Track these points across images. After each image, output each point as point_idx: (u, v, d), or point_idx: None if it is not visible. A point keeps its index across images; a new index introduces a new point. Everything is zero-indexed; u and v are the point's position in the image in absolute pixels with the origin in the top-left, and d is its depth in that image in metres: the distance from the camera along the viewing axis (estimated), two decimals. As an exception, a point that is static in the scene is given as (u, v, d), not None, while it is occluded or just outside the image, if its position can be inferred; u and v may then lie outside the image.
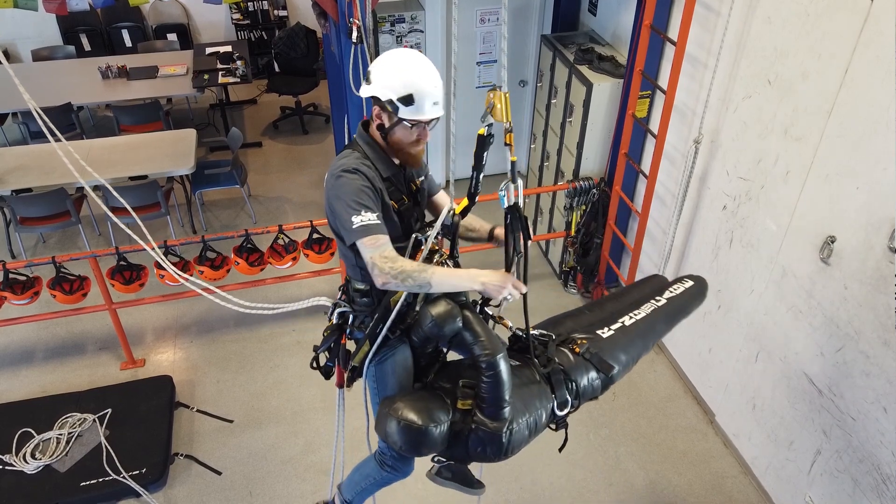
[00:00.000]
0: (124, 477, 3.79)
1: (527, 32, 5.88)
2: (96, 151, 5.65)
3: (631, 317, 2.54)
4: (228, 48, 7.11)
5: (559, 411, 2.26)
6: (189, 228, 6.10)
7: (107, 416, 4.12)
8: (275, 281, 4.87)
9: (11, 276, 4.25)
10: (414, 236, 2.25)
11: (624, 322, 2.51)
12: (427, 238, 2.21)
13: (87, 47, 7.80)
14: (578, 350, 2.35)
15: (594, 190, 4.80)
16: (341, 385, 2.56)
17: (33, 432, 4.01)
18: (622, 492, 3.99)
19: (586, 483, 4.03)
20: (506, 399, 2.08)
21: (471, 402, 2.13)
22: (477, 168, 2.09)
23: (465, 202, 2.19)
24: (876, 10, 2.68)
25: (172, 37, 7.92)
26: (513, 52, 5.91)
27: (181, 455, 4.11)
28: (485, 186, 2.21)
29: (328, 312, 2.41)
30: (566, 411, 2.28)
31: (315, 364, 2.48)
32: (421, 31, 5.67)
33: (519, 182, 2.08)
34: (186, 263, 4.34)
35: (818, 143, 3.08)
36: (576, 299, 5.35)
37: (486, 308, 2.36)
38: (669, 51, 3.99)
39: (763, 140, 3.44)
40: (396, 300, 2.20)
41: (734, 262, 3.84)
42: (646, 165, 4.44)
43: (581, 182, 4.79)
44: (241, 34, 8.26)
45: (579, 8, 5.40)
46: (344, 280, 2.46)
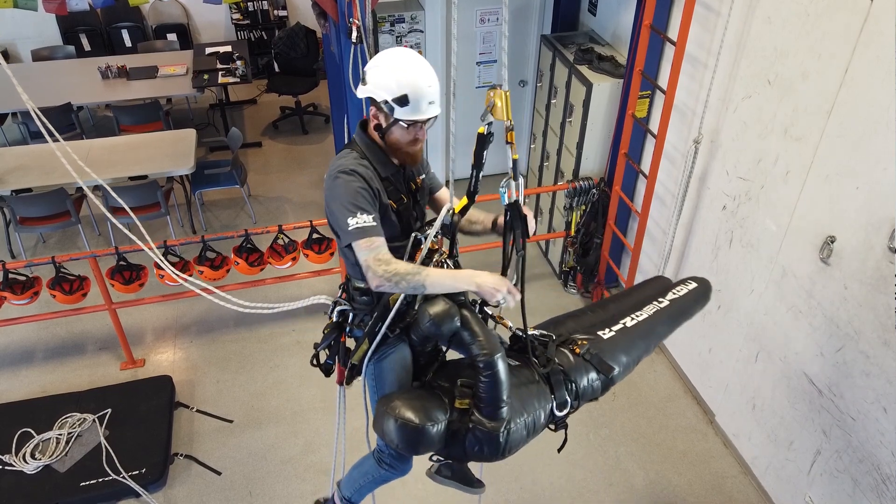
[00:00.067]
0: (124, 477, 3.79)
1: (527, 32, 5.88)
2: (96, 151, 5.65)
3: (633, 318, 2.54)
4: (228, 48, 7.11)
5: (558, 412, 2.25)
6: (189, 228, 6.10)
7: (107, 416, 4.12)
8: (274, 281, 4.87)
9: (11, 276, 4.25)
10: (413, 235, 2.25)
11: (625, 323, 2.51)
12: (426, 237, 2.21)
13: (87, 47, 7.80)
14: (579, 351, 2.35)
15: (594, 190, 4.80)
16: (341, 382, 2.56)
17: (33, 432, 4.01)
18: (622, 492, 3.99)
19: (586, 483, 4.03)
20: (503, 399, 2.08)
21: (469, 402, 2.13)
22: (476, 167, 2.08)
23: (465, 201, 2.18)
24: (876, 10, 2.68)
25: (172, 37, 7.92)
26: (513, 52, 5.91)
27: (181, 455, 4.11)
28: (484, 186, 2.21)
29: (328, 311, 2.41)
30: (565, 412, 2.28)
31: (315, 361, 2.48)
32: (421, 31, 5.67)
33: (520, 180, 2.07)
34: (186, 263, 4.34)
35: (818, 143, 3.08)
36: (576, 299, 5.35)
37: (486, 308, 2.36)
38: (669, 51, 3.99)
39: (763, 140, 3.44)
40: (395, 299, 2.20)
41: (734, 262, 3.84)
42: (646, 165, 4.44)
43: (581, 182, 4.79)
44: (241, 34, 8.26)
45: (579, 8, 5.40)
46: (344, 279, 2.46)
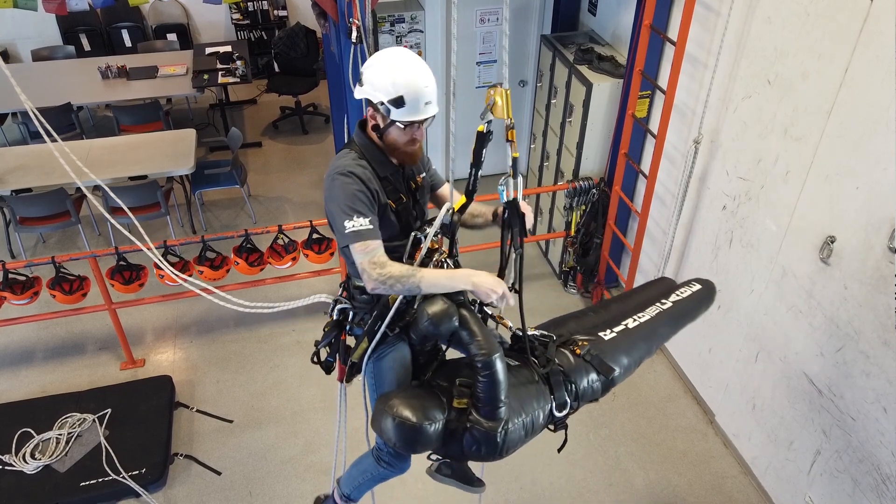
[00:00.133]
0: (124, 477, 3.79)
1: (527, 32, 5.88)
2: (96, 151, 5.65)
3: (635, 319, 2.53)
4: (228, 48, 7.11)
5: (558, 412, 2.25)
6: (189, 228, 6.10)
7: (106, 416, 4.12)
8: (274, 281, 4.87)
9: (11, 276, 4.25)
10: (413, 235, 2.25)
11: (627, 325, 2.50)
12: (426, 236, 2.21)
13: (87, 47, 7.80)
14: (579, 352, 2.34)
15: (594, 190, 4.80)
16: (342, 380, 2.57)
17: (33, 432, 4.01)
18: (622, 492, 3.99)
19: (586, 483, 4.03)
20: (501, 399, 2.07)
21: (467, 401, 2.13)
22: (475, 165, 2.08)
23: (463, 200, 2.18)
24: (876, 10, 2.68)
25: (172, 37, 7.91)
26: (513, 52, 5.91)
27: (181, 455, 4.11)
28: (484, 186, 2.21)
29: (329, 309, 2.42)
30: (565, 413, 2.27)
31: (316, 359, 2.49)
32: (421, 31, 5.67)
33: (519, 179, 2.07)
34: (186, 263, 4.34)
35: (818, 143, 3.08)
36: (575, 299, 5.35)
37: (486, 308, 2.36)
38: (669, 51, 3.98)
39: (763, 140, 3.44)
40: (395, 298, 2.20)
41: (734, 262, 3.84)
42: (645, 165, 4.44)
43: (581, 182, 4.79)
44: (241, 34, 8.26)
45: (579, 8, 5.40)
46: (344, 278, 2.46)
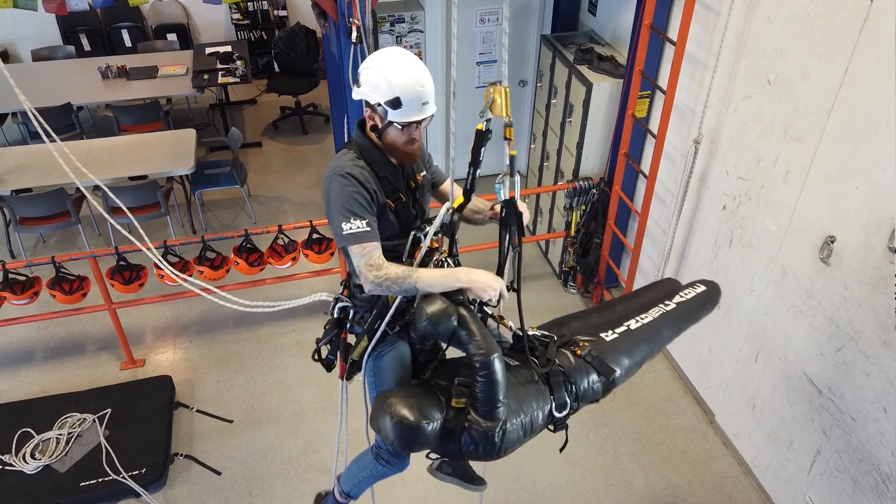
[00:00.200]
0: (124, 477, 3.79)
1: (527, 32, 5.87)
2: (96, 151, 5.66)
3: (637, 320, 2.52)
4: (228, 48, 7.11)
5: (557, 413, 2.25)
6: (189, 228, 6.10)
7: (107, 416, 4.12)
8: (274, 281, 4.87)
9: (11, 276, 4.25)
10: (412, 234, 2.25)
11: (630, 326, 2.49)
12: (425, 235, 2.21)
13: (87, 47, 7.80)
14: (580, 352, 2.34)
15: (594, 190, 4.80)
16: (343, 377, 2.57)
17: (33, 432, 4.01)
18: (622, 492, 3.99)
19: (586, 483, 4.03)
20: (500, 399, 2.07)
21: (465, 401, 2.13)
22: (474, 164, 2.08)
23: (461, 200, 2.18)
24: (876, 10, 2.68)
25: (172, 37, 7.91)
26: (513, 52, 5.91)
27: (181, 455, 4.11)
28: (483, 186, 2.21)
29: (330, 307, 2.43)
30: (565, 413, 2.27)
31: (317, 356, 2.50)
32: (421, 31, 5.67)
33: (517, 177, 2.07)
34: (186, 263, 4.34)
35: (818, 143, 3.08)
36: (575, 299, 5.35)
37: (485, 308, 2.36)
38: (669, 51, 3.98)
39: (763, 140, 3.44)
40: (395, 297, 2.21)
41: (734, 262, 3.84)
42: (646, 165, 4.44)
43: (581, 182, 4.79)
44: (241, 34, 8.26)
45: (579, 8, 5.40)
46: (344, 277, 2.47)
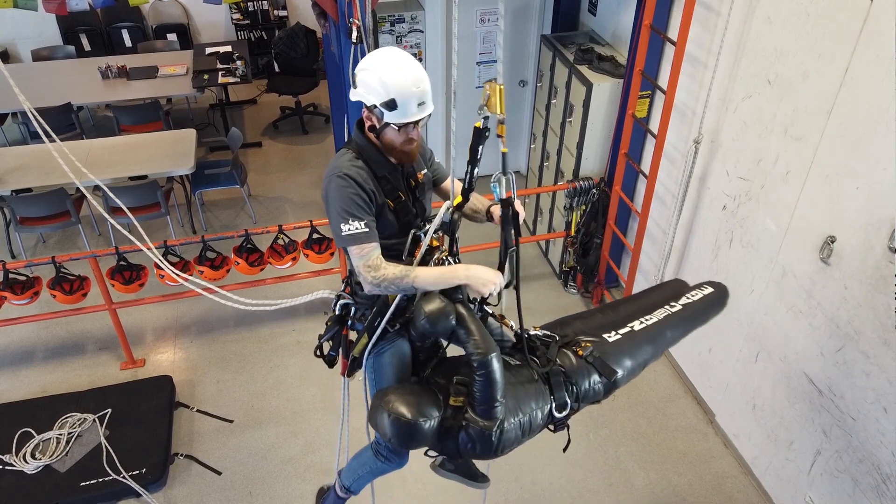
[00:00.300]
0: (124, 477, 3.79)
1: (527, 32, 5.87)
2: (96, 151, 5.65)
3: (641, 322, 2.51)
4: (228, 48, 7.11)
5: (558, 413, 2.24)
6: (189, 228, 6.10)
7: (107, 416, 4.12)
8: (275, 281, 4.87)
9: (11, 276, 4.25)
10: (412, 232, 2.26)
11: (633, 327, 2.48)
12: (425, 233, 2.21)
13: (87, 47, 7.80)
14: (581, 353, 2.33)
15: (594, 190, 4.80)
16: (345, 374, 2.58)
17: (33, 432, 4.01)
18: (622, 492, 3.99)
19: (586, 483, 4.03)
20: (497, 398, 2.07)
21: (463, 400, 2.13)
22: (472, 162, 2.08)
23: (459, 199, 2.18)
24: (876, 10, 2.68)
25: (172, 37, 7.91)
26: (513, 52, 5.92)
27: (181, 455, 4.11)
28: (482, 186, 2.21)
29: (332, 305, 2.45)
30: (565, 413, 2.27)
31: (319, 352, 2.52)
32: (421, 31, 5.67)
33: (510, 175, 2.08)
34: (186, 263, 4.34)
35: (818, 143, 3.08)
36: (576, 299, 5.35)
37: (486, 307, 2.37)
38: (669, 51, 3.98)
39: (763, 140, 3.44)
40: (394, 295, 2.21)
41: (734, 262, 3.84)
42: (646, 165, 4.44)
43: (581, 182, 4.79)
44: (241, 34, 8.25)
45: (579, 8, 5.39)
46: (345, 276, 2.48)
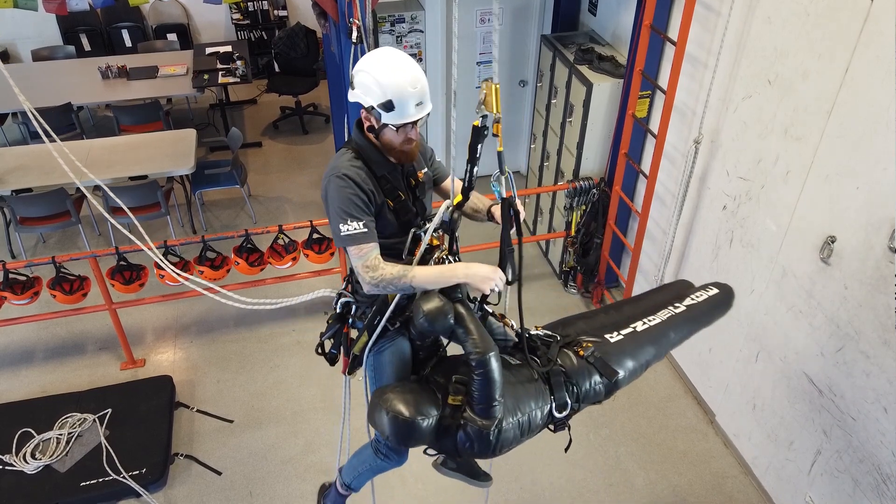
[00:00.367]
0: (124, 477, 3.79)
1: (527, 32, 5.87)
2: (96, 151, 5.65)
3: (645, 322, 2.50)
4: (228, 48, 7.11)
5: (558, 413, 2.24)
6: (189, 228, 6.10)
7: (107, 416, 4.12)
8: (275, 281, 4.87)
9: (11, 276, 4.25)
10: (412, 231, 2.26)
11: (636, 328, 2.48)
12: (425, 232, 2.21)
13: (87, 47, 7.80)
14: (582, 353, 2.33)
15: (594, 190, 4.80)
16: (346, 372, 2.58)
17: (33, 432, 4.01)
18: (622, 492, 3.99)
19: (586, 483, 4.03)
20: (496, 398, 2.08)
21: (461, 399, 2.14)
22: (471, 161, 2.08)
23: (459, 198, 2.19)
24: (876, 10, 2.68)
25: (172, 37, 7.91)
26: (513, 52, 5.92)
27: (181, 455, 4.11)
28: (481, 187, 2.21)
29: (333, 303, 2.46)
30: (565, 413, 2.27)
31: (321, 350, 2.52)
32: (421, 31, 5.67)
33: (508, 174, 2.08)
34: (186, 263, 4.34)
35: (818, 143, 3.08)
36: (576, 299, 5.35)
37: (486, 305, 2.36)
38: (669, 51, 3.99)
39: (763, 140, 3.44)
40: (394, 294, 2.21)
41: (734, 262, 3.84)
42: (646, 165, 4.44)
43: (581, 182, 4.79)
44: (241, 34, 8.26)
45: (579, 8, 5.39)
46: (346, 273, 2.48)
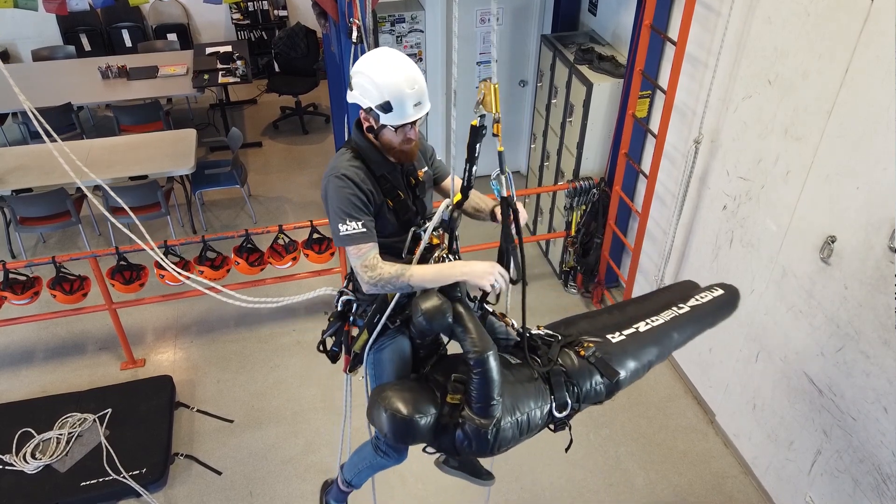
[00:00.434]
0: (124, 477, 3.79)
1: (527, 32, 5.87)
2: (96, 151, 5.65)
3: (647, 323, 2.49)
4: (228, 48, 7.11)
5: (558, 413, 2.24)
6: (189, 228, 6.10)
7: (107, 416, 4.12)
8: (275, 281, 4.87)
9: (11, 276, 4.25)
10: (412, 230, 2.26)
11: (638, 328, 2.47)
12: (425, 231, 2.21)
13: (87, 47, 7.80)
14: (583, 353, 2.33)
15: (594, 190, 4.80)
16: (347, 370, 2.59)
17: (33, 432, 4.02)
18: (622, 492, 3.99)
19: (586, 483, 4.03)
20: (494, 397, 2.08)
21: (460, 397, 2.14)
22: (470, 160, 2.09)
23: (458, 197, 2.19)
24: (876, 10, 2.68)
25: (172, 37, 7.92)
26: (513, 52, 5.92)
27: (181, 455, 4.11)
28: (480, 187, 2.21)
29: (335, 301, 2.46)
30: (565, 413, 2.27)
31: (322, 347, 2.53)
32: (421, 31, 5.67)
33: (508, 173, 2.09)
34: (187, 263, 4.34)
35: (818, 143, 3.08)
36: (576, 299, 5.35)
37: (486, 305, 2.36)
38: (669, 51, 3.99)
39: (763, 140, 3.44)
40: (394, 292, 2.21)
41: (734, 262, 3.84)
42: (646, 165, 4.44)
43: (581, 182, 4.79)
44: (241, 34, 8.26)
45: (579, 8, 5.40)
46: (347, 272, 2.48)
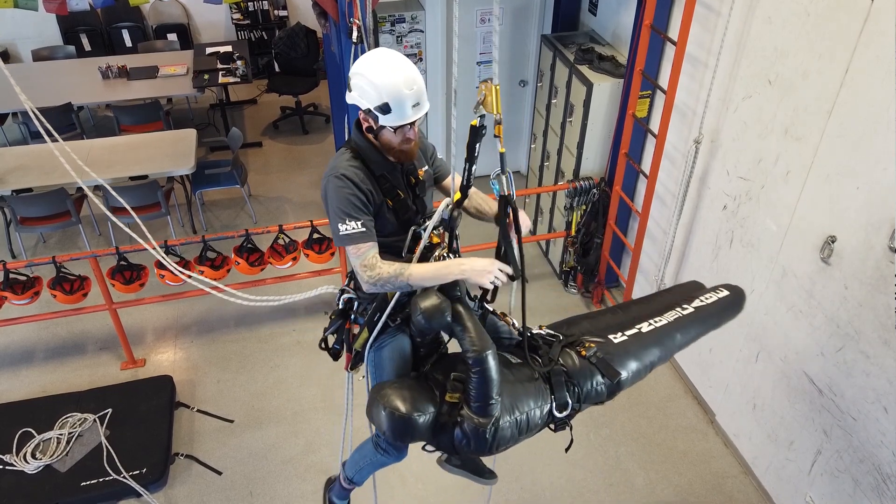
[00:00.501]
0: (125, 477, 3.80)
1: (527, 32, 5.88)
2: (96, 151, 5.65)
3: (650, 323, 2.49)
4: (228, 48, 7.11)
5: (558, 413, 2.24)
6: (189, 228, 6.10)
7: (107, 416, 4.12)
8: (275, 281, 4.87)
9: (12, 276, 4.25)
10: (412, 229, 2.26)
11: (641, 329, 2.46)
12: (424, 230, 2.21)
13: (88, 47, 7.80)
14: (585, 353, 2.33)
15: (594, 190, 4.80)
16: (348, 368, 2.59)
17: (34, 432, 4.02)
18: (622, 492, 3.99)
19: (586, 483, 4.03)
20: (493, 396, 2.08)
21: (459, 396, 2.14)
22: (469, 160, 2.09)
23: (458, 196, 2.19)
24: (876, 10, 2.68)
25: (172, 37, 7.92)
26: (513, 52, 5.92)
27: (181, 455, 4.11)
28: (480, 187, 2.21)
29: (336, 299, 2.47)
30: (566, 413, 2.27)
31: (324, 345, 2.54)
32: (421, 31, 5.67)
33: (509, 174, 2.09)
34: (187, 263, 4.34)
35: (818, 143, 3.08)
36: (576, 299, 5.35)
37: (486, 304, 2.36)
38: (670, 51, 3.99)
39: (763, 140, 3.44)
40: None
41: (734, 262, 3.84)
42: (646, 165, 4.44)
43: (581, 182, 4.79)
44: (241, 34, 8.26)
45: (579, 8, 5.40)
46: (347, 271, 2.48)
